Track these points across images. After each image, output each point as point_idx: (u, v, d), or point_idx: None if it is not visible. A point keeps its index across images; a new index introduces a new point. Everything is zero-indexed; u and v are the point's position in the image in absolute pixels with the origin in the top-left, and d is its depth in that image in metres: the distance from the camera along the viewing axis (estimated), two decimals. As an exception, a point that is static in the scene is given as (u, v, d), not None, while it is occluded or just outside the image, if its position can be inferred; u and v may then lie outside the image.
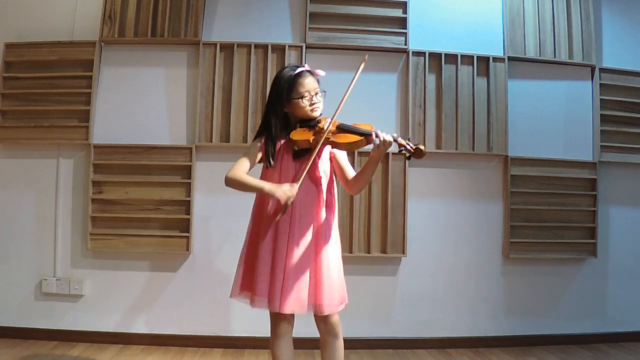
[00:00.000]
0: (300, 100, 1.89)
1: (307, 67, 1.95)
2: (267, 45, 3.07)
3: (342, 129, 1.89)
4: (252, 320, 3.01)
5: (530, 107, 3.25)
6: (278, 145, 1.92)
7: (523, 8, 3.25)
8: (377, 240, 3.06)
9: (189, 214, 2.98)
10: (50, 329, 2.97)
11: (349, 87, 1.90)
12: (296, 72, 1.91)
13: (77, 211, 3.03)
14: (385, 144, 1.80)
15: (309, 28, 3.09)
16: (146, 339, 2.98)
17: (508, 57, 3.21)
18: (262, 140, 1.95)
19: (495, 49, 3.23)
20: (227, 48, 3.07)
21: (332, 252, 1.91)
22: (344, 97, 1.91)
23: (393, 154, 3.04)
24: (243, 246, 1.99)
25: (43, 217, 3.03)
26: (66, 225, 3.03)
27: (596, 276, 3.27)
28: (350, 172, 2.00)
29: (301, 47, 3.08)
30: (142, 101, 3.07)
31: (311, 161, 1.85)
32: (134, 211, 2.98)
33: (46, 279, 2.98)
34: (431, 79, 3.16)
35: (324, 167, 1.96)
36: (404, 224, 3.07)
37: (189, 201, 2.99)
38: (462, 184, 3.17)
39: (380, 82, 3.13)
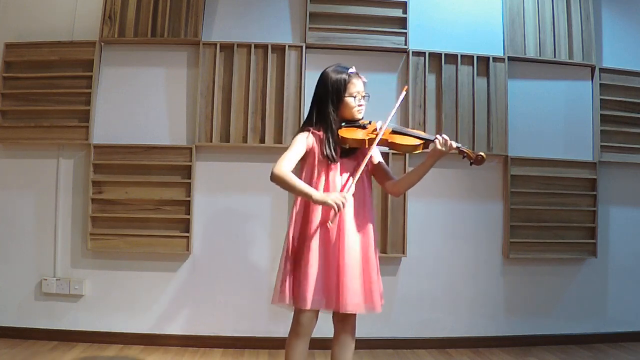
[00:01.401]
0: (351, 100, 1.92)
1: (355, 70, 1.98)
2: (267, 45, 3.07)
3: (397, 132, 1.94)
4: (252, 320, 3.02)
5: (530, 107, 3.25)
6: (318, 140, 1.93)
7: (523, 8, 3.25)
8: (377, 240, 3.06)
9: (189, 214, 2.98)
10: (50, 329, 2.97)
11: (395, 106, 1.99)
12: (349, 72, 1.94)
13: (77, 211, 3.03)
14: (447, 145, 1.82)
15: (309, 28, 3.09)
16: (146, 339, 2.97)
17: (508, 57, 3.21)
18: (314, 138, 1.93)
19: (495, 49, 3.23)
20: (227, 48, 3.07)
21: (376, 249, 1.96)
22: (396, 105, 1.99)
23: (393, 153, 3.04)
24: (284, 252, 1.94)
25: (43, 217, 3.03)
26: (66, 225, 3.03)
27: (596, 276, 3.27)
28: (388, 173, 2.04)
29: (301, 47, 3.08)
30: (142, 101, 3.07)
31: (365, 162, 1.88)
32: (134, 211, 2.98)
33: (46, 279, 2.98)
34: (431, 79, 3.16)
35: (366, 169, 1.98)
36: (404, 224, 3.07)
37: (189, 201, 2.99)
38: (462, 184, 3.17)
39: (380, 82, 3.13)
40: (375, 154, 2.03)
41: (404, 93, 2.09)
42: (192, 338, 2.98)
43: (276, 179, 1.85)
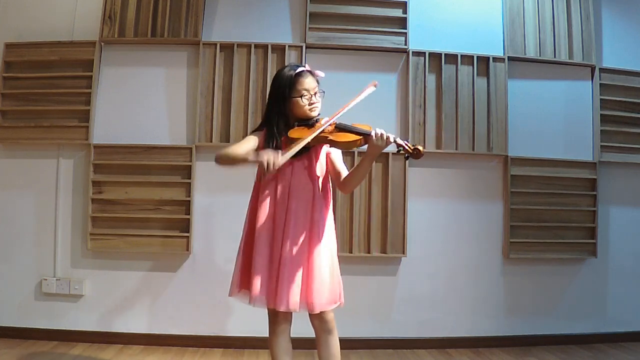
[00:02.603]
0: (299, 99, 1.90)
1: (307, 67, 1.96)
2: (267, 45, 3.07)
3: (340, 128, 1.89)
4: (252, 320, 3.01)
5: (530, 107, 3.25)
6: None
7: (523, 8, 3.25)
8: (377, 240, 3.06)
9: (189, 214, 2.98)
10: (50, 329, 2.97)
11: (353, 100, 1.91)
12: (296, 71, 1.92)
13: (77, 211, 3.03)
14: (383, 139, 1.80)
15: (309, 28, 3.09)
16: (146, 339, 2.98)
17: (508, 57, 3.21)
18: (261, 136, 1.94)
19: (495, 49, 3.23)
20: (227, 48, 3.07)
21: (325, 251, 1.90)
22: (347, 105, 1.90)
23: (393, 153, 3.04)
24: (239, 245, 1.99)
25: (43, 217, 3.03)
26: (66, 225, 3.03)
27: (596, 276, 3.27)
28: (344, 173, 1.99)
29: (301, 47, 3.08)
30: (142, 101, 3.07)
31: (302, 144, 1.81)
32: (134, 211, 2.98)
33: (46, 279, 2.98)
34: (431, 79, 3.16)
35: (320, 166, 1.96)
36: (404, 224, 3.07)
37: (189, 201, 2.99)
38: (462, 184, 3.17)
39: (380, 82, 3.08)
40: (335, 154, 2.01)
41: (371, 88, 1.97)
42: (192, 338, 2.98)
43: (219, 158, 1.85)
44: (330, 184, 2.02)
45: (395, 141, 1.82)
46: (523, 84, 3.26)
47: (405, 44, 3.14)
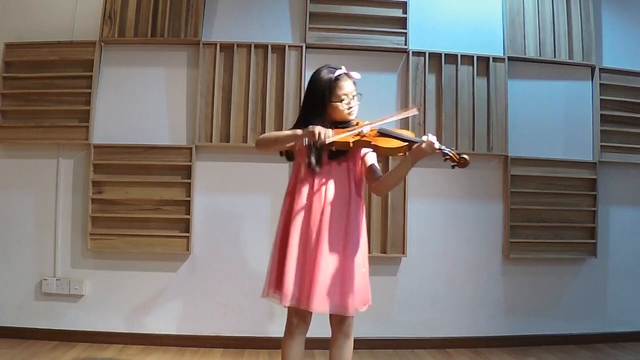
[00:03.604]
0: (339, 103, 1.90)
1: (344, 69, 1.95)
2: (267, 45, 3.07)
3: (383, 133, 1.89)
4: (252, 320, 3.02)
5: (530, 107, 3.25)
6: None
7: (523, 8, 3.25)
8: (377, 240, 3.06)
9: (189, 214, 2.98)
10: (50, 329, 2.97)
11: (396, 115, 2.00)
12: (335, 75, 1.91)
13: (77, 211, 3.03)
14: (433, 148, 1.79)
15: (309, 28, 3.09)
16: (146, 339, 2.97)
17: (508, 57, 3.21)
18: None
19: (495, 49, 3.23)
20: (227, 48, 3.07)
21: (359, 252, 1.91)
22: (388, 117, 1.95)
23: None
24: (273, 247, 1.97)
25: (43, 217, 3.03)
26: (66, 225, 3.03)
27: (596, 276, 3.27)
28: (378, 175, 2.00)
29: (301, 47, 3.08)
30: (142, 101, 3.07)
31: (351, 133, 1.84)
32: (134, 211, 2.98)
33: (46, 279, 2.98)
34: (431, 79, 3.16)
35: (357, 169, 1.97)
36: (404, 224, 3.07)
37: (189, 201, 2.99)
38: (462, 184, 3.17)
39: (380, 82, 3.14)
40: (369, 156, 2.01)
41: (415, 111, 2.04)
42: (192, 338, 2.98)
43: (260, 142, 1.93)
44: (363, 186, 2.03)
45: (441, 150, 1.81)
46: (523, 84, 3.26)
47: (405, 44, 3.14)
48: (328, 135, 1.80)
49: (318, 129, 1.79)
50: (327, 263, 1.84)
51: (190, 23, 3.06)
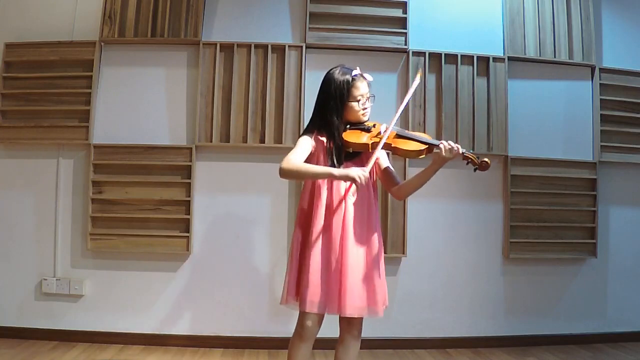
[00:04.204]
0: (355, 103, 1.91)
1: (358, 71, 1.95)
2: (267, 45, 3.07)
3: (401, 135, 1.91)
4: (252, 320, 3.02)
5: (530, 107, 3.25)
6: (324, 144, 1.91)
7: (523, 8, 3.25)
8: (377, 240, 3.06)
9: (189, 214, 2.98)
10: (50, 329, 2.97)
11: (406, 98, 1.96)
12: (353, 75, 1.91)
13: (77, 211, 3.03)
14: (452, 152, 1.80)
15: (309, 28, 3.09)
16: (146, 339, 2.97)
17: (508, 57, 3.21)
18: (314, 138, 1.93)
19: (495, 49, 3.23)
20: (227, 48, 3.07)
21: (380, 255, 1.93)
22: (402, 105, 1.95)
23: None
24: (290, 252, 1.96)
25: (43, 217, 3.03)
26: (66, 225, 3.03)
27: (596, 276, 3.27)
28: (395, 178, 2.02)
29: (301, 47, 3.08)
30: (142, 101, 3.07)
31: (373, 160, 1.85)
32: (134, 211, 2.98)
33: (46, 279, 2.98)
34: (431, 79, 3.16)
35: (373, 171, 1.98)
36: (404, 224, 3.07)
37: (189, 201, 2.99)
38: (462, 184, 3.17)
39: (380, 82, 3.11)
40: (383, 158, 2.02)
41: (418, 79, 1.98)
42: (192, 338, 2.98)
43: (287, 172, 1.83)
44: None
45: (462, 153, 1.82)
46: (523, 84, 3.26)
47: (405, 44, 3.14)
48: (367, 176, 1.78)
49: (356, 174, 1.75)
50: (354, 266, 1.84)
51: (190, 23, 3.06)
